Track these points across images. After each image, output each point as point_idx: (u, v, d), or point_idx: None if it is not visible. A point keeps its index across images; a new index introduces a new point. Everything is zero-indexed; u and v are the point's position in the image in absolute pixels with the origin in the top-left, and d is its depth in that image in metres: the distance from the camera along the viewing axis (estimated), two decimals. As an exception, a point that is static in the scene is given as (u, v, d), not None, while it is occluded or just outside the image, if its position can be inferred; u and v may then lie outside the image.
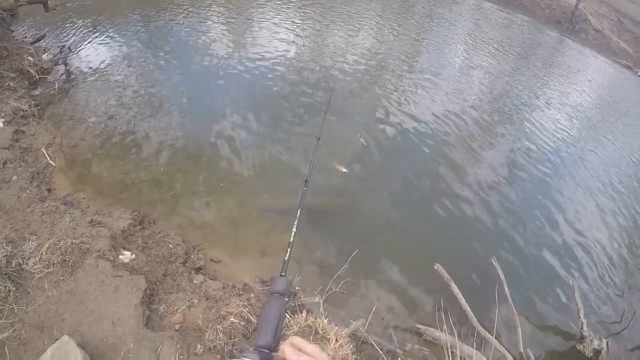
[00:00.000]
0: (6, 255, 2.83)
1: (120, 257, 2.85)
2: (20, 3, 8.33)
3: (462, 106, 7.66)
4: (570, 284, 4.18)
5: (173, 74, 6.75)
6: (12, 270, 2.77)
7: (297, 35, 9.20)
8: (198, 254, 3.13)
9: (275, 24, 9.68)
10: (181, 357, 2.32)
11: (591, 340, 3.77)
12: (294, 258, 3.63)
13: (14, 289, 2.71)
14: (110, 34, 8.48)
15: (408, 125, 6.34)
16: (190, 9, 10.02)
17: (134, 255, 2.87)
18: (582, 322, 3.86)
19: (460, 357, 3.00)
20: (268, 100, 6.27)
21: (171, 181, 4.30)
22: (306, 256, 3.76)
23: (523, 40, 13.90)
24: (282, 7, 10.99)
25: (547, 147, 7.21)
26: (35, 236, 3.00)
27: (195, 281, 2.86)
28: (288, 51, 8.20)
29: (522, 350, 3.35)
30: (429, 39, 11.51)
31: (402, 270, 3.96)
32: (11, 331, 2.53)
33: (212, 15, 9.95)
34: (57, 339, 2.38)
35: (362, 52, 8.98)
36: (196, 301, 2.68)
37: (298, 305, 3.03)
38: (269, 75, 7.04)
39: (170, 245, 3.13)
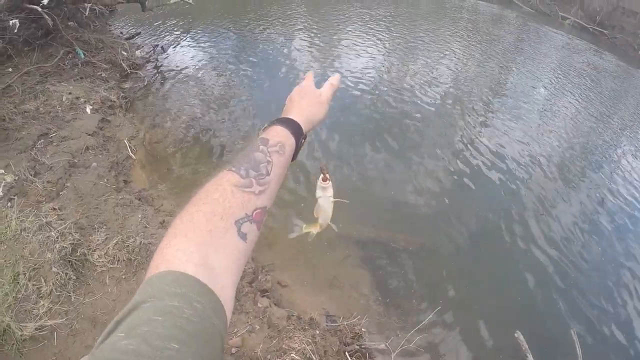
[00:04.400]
0: (73, 243, 2.97)
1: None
2: (119, 0, 9.26)
3: (545, 148, 7.23)
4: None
5: (257, 83, 7.15)
6: (75, 259, 2.90)
7: (380, 55, 9.37)
8: (266, 275, 3.11)
9: (359, 41, 10.01)
10: (234, 386, 2.26)
11: None
12: (361, 294, 3.52)
13: (74, 277, 2.82)
14: (201, 39, 9.18)
15: (485, 162, 6.07)
16: (278, 20, 10.72)
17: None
18: None
19: None
20: (347, 119, 6.33)
21: None
22: (375, 293, 3.62)
23: (613, 83, 13.07)
24: (368, 25, 11.40)
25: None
26: (105, 227, 3.14)
27: (259, 305, 2.82)
28: (370, 71, 8.35)
29: None
30: (513, 71, 11.21)
31: (481, 328, 3.72)
32: (64, 319, 2.61)
33: (298, 27, 10.58)
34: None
35: (443, 78, 8.87)
36: (257, 327, 2.63)
37: (362, 349, 2.88)
38: (350, 94, 7.14)
39: (240, 264, 3.14)
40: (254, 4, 12.85)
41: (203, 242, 0.61)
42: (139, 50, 8.13)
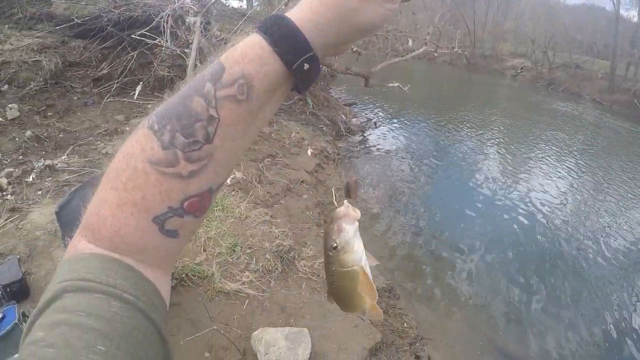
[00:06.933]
0: (289, 244, 3.93)
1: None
2: (349, 72, 11.07)
3: None
4: None
5: (438, 183, 7.99)
6: (286, 257, 3.83)
7: (564, 186, 9.22)
8: (423, 346, 3.64)
9: (546, 165, 10.11)
10: (374, 413, 2.82)
11: None
12: None
13: (279, 269, 3.74)
14: (406, 126, 10.52)
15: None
16: (472, 125, 11.56)
17: (375, 312, 3.59)
18: None
19: None
20: (508, 246, 6.51)
21: (422, 274, 5.14)
22: None
23: None
24: (560, 151, 11.35)
25: None
26: (311, 246, 4.07)
27: None
28: (549, 202, 8.30)
29: None
30: None
31: None
32: (260, 294, 3.48)
33: (488, 136, 11.35)
34: (290, 326, 3.19)
35: (633, 229, 8.15)
36: None
37: None
38: (519, 221, 7.30)
39: (405, 324, 3.76)
40: (454, 106, 14.00)
41: (115, 245, 0.51)
42: (356, 119, 9.68)
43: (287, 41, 0.50)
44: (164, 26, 6.22)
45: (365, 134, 8.96)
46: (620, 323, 5.49)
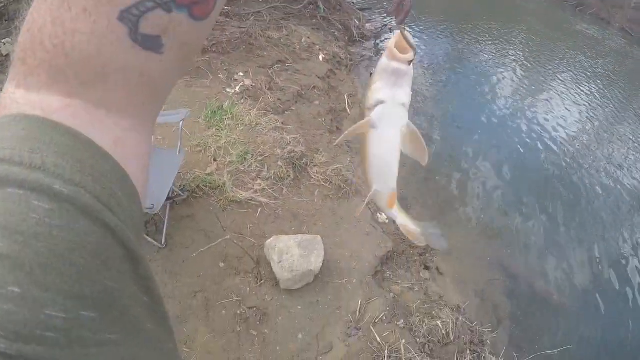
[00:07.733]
0: (302, 151, 3.81)
1: (378, 215, 3.56)
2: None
3: None
4: None
5: (450, 92, 7.68)
6: (299, 163, 3.73)
7: (580, 114, 8.74)
8: (433, 257, 3.65)
9: (563, 90, 9.56)
10: (384, 317, 2.85)
11: None
12: (497, 317, 3.81)
13: (292, 177, 3.65)
14: (422, 32, 9.98)
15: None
16: (493, 38, 11.09)
17: (388, 220, 3.54)
18: None
19: None
20: (528, 170, 6.36)
21: (432, 185, 4.97)
22: (505, 323, 3.80)
23: None
24: (581, 78, 10.77)
25: None
26: (324, 153, 3.95)
27: (421, 275, 3.40)
28: (563, 127, 7.95)
29: None
30: None
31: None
32: (273, 201, 3.43)
33: (510, 53, 10.70)
34: (303, 233, 3.15)
35: None
36: (416, 289, 3.21)
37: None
38: (529, 144, 7.00)
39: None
40: (476, 15, 13.24)
41: (57, 74, 0.31)
42: (369, 24, 9.13)
43: None
44: None
45: (379, 40, 8.48)
46: (618, 254, 5.44)
